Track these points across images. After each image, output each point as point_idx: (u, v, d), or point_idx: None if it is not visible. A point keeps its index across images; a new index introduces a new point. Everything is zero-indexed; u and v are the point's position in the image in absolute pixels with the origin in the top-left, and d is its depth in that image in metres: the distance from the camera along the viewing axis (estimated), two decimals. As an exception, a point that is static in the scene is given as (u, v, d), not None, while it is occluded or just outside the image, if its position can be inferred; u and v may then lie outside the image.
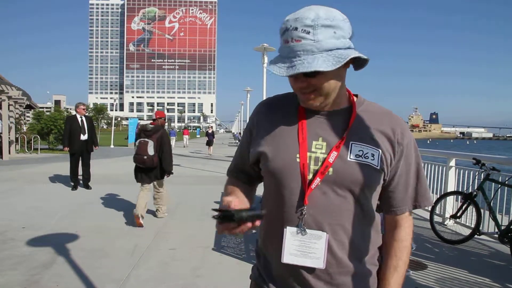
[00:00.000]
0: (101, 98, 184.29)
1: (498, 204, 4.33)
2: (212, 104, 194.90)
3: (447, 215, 5.02)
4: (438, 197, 5.22)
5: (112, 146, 25.07)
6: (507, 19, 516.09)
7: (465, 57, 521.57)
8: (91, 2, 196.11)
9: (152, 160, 5.01)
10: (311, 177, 0.98)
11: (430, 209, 4.93)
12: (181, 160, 15.19)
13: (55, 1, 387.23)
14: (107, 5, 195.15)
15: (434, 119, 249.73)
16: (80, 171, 7.94)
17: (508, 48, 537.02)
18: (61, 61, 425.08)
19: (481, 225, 4.34)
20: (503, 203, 4.35)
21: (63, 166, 10.72)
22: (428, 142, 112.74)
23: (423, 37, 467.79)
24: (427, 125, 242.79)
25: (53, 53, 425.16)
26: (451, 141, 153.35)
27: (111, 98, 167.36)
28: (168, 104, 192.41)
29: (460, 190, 5.04)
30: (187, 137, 29.13)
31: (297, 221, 0.99)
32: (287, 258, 0.95)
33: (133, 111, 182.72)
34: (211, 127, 22.75)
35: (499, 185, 4.27)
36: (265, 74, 14.23)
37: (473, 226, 4.40)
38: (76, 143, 7.72)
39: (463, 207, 4.53)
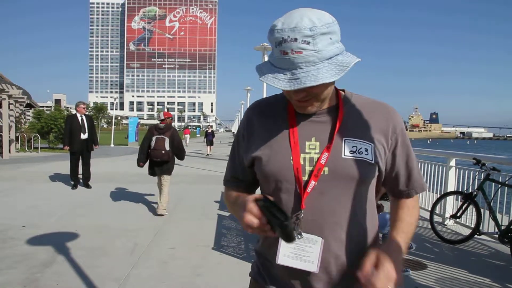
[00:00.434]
0: (101, 97, 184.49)
1: (498, 204, 4.33)
2: (212, 103, 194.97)
3: (447, 215, 5.02)
4: (438, 197, 5.22)
5: (112, 145, 25.09)
6: (507, 18, 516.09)
7: (465, 56, 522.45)
8: (91, 1, 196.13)
9: (168, 154, 5.62)
10: (307, 178, 0.98)
11: (430, 209, 4.93)
12: (181, 159, 15.17)
13: (56, 0, 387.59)
14: (108, 4, 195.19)
15: (434, 119, 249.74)
16: (80, 170, 7.94)
17: (508, 47, 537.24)
18: (61, 60, 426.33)
19: (481, 225, 4.33)
20: (503, 203, 4.35)
21: (63, 165, 10.73)
22: (428, 142, 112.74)
23: (423, 36, 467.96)
24: (427, 125, 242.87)
25: (53, 52, 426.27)
26: (451, 141, 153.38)
27: (111, 97, 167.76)
28: (168, 103, 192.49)
29: (460, 190, 5.03)
30: (188, 136, 29.19)
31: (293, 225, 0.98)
32: (282, 259, 0.95)
33: (133, 110, 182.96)
34: (211, 126, 22.43)
35: (499, 185, 4.26)
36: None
37: (473, 226, 4.40)
38: (76, 142, 7.72)
39: (463, 207, 4.53)
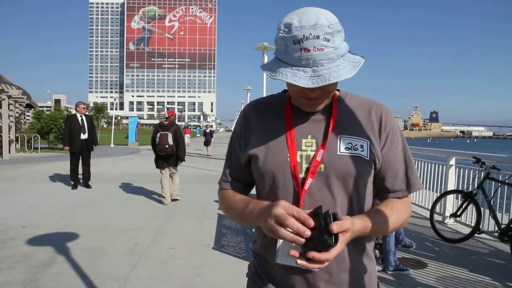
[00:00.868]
0: (101, 97, 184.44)
1: (498, 202, 4.33)
2: (212, 103, 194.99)
3: (447, 214, 5.02)
4: (438, 195, 5.22)
5: (112, 145, 25.10)
6: (507, 17, 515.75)
7: (465, 56, 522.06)
8: (91, 1, 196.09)
9: (171, 148, 6.34)
10: (304, 175, 0.98)
11: (430, 208, 4.94)
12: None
13: (55, 0, 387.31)
14: (107, 4, 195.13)
15: (434, 118, 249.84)
16: (80, 170, 7.95)
17: (508, 47, 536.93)
18: (61, 60, 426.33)
19: (481, 224, 4.33)
20: (503, 201, 4.35)
21: (63, 165, 10.73)
22: (428, 140, 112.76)
23: (423, 36, 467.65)
24: (427, 124, 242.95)
25: (53, 52, 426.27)
26: (451, 139, 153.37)
27: (111, 97, 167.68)
28: (168, 103, 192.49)
29: (460, 188, 5.04)
30: (188, 136, 29.22)
31: None
32: (281, 259, 0.93)
33: (133, 110, 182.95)
34: (209, 126, 21.71)
35: (499, 184, 4.26)
36: (265, 73, 14.22)
37: (473, 224, 4.40)
38: (76, 142, 7.73)
39: (463, 206, 4.53)
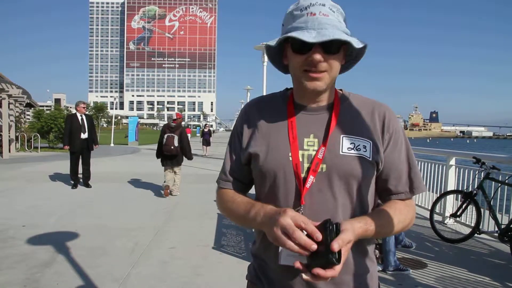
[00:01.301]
0: (101, 96, 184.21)
1: (498, 203, 4.33)
2: (212, 102, 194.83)
3: (447, 214, 5.02)
4: (438, 196, 5.22)
5: (112, 144, 25.09)
6: (507, 17, 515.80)
7: (466, 55, 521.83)
8: (91, 0, 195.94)
9: (177, 149, 6.85)
10: (305, 175, 0.97)
11: (430, 208, 4.94)
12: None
13: (55, 0, 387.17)
14: (107, 3, 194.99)
15: (434, 118, 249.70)
16: (80, 170, 7.95)
17: (508, 46, 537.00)
18: (61, 60, 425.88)
19: (481, 224, 4.33)
20: (503, 202, 4.35)
21: (63, 164, 10.73)
22: (428, 141, 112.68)
23: (423, 35, 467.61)
24: (427, 124, 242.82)
25: (53, 52, 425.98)
26: (451, 140, 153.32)
27: (111, 96, 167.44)
28: (168, 102, 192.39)
29: (460, 189, 5.04)
30: (189, 135, 29.12)
31: None
32: (284, 260, 0.92)
33: (133, 110, 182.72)
34: (207, 125, 20.52)
35: (499, 184, 4.27)
36: (265, 72, 14.16)
37: (473, 225, 4.40)
38: (76, 141, 7.73)
39: (463, 206, 4.53)
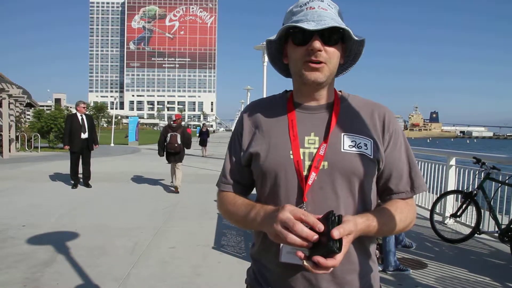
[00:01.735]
0: (102, 96, 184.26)
1: (498, 203, 4.33)
2: (212, 102, 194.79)
3: (447, 214, 5.02)
4: (438, 196, 5.22)
5: (112, 144, 25.10)
6: (508, 17, 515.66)
7: (466, 55, 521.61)
8: (91, 0, 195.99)
9: (180, 146, 7.68)
10: (307, 173, 0.97)
11: (430, 208, 4.93)
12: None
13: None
14: (108, 3, 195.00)
15: (434, 118, 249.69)
16: (80, 170, 7.95)
17: (509, 46, 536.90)
18: (61, 60, 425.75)
19: (481, 224, 4.33)
20: (503, 202, 4.34)
21: (63, 164, 10.73)
22: (428, 141, 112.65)
23: (423, 35, 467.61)
24: (427, 124, 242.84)
25: (53, 51, 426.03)
26: (451, 140, 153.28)
27: (111, 96, 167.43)
28: (168, 102, 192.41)
29: (460, 189, 5.03)
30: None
31: None
32: (285, 257, 0.92)
33: (133, 110, 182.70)
34: (205, 125, 20.01)
35: (499, 184, 4.27)
36: (265, 72, 14.17)
37: (473, 225, 4.40)
38: (76, 141, 7.74)
39: (463, 206, 4.53)
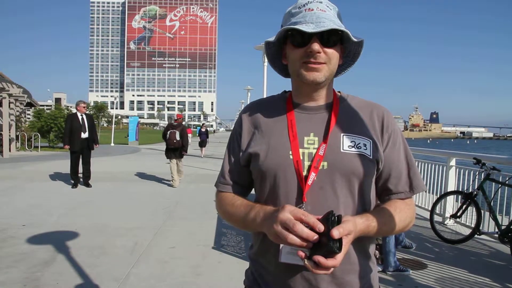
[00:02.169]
0: (102, 96, 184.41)
1: (498, 204, 4.33)
2: (212, 102, 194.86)
3: (447, 215, 5.01)
4: (438, 196, 5.22)
5: (112, 144, 25.12)
6: (508, 16, 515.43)
7: (466, 55, 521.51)
8: (92, 0, 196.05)
9: (178, 143, 8.31)
10: (306, 173, 0.97)
11: (430, 209, 4.93)
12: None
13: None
14: (108, 3, 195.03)
15: (434, 119, 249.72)
16: (80, 169, 7.95)
17: (510, 46, 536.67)
18: (61, 59, 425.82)
19: (481, 225, 4.33)
20: (504, 203, 4.34)
21: (63, 164, 10.74)
22: (428, 141, 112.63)
23: (423, 35, 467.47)
24: (428, 125, 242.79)
25: (53, 51, 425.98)
26: (452, 140, 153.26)
27: (111, 96, 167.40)
28: (168, 102, 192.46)
29: (460, 189, 5.03)
30: (190, 135, 29.22)
31: None
32: (285, 257, 0.91)
33: (133, 109, 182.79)
34: (204, 124, 19.65)
35: (500, 185, 4.26)
36: (265, 72, 14.16)
37: (473, 225, 4.39)
38: (76, 141, 7.74)
39: (463, 207, 4.52)
